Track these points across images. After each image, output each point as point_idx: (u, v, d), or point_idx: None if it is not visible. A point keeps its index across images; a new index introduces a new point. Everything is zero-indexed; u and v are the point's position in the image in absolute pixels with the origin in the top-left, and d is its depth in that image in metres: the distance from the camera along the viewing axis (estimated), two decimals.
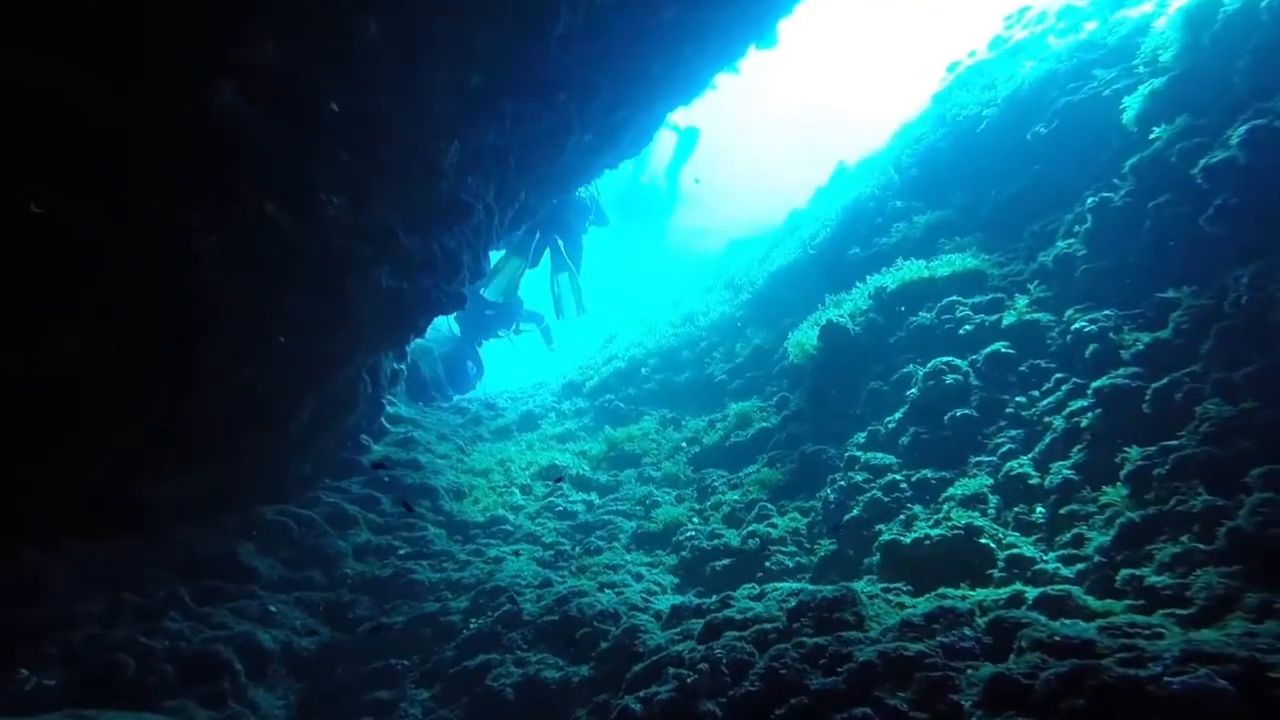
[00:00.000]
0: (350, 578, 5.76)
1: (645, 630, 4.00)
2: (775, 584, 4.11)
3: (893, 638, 2.71)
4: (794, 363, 7.47)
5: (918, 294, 6.43)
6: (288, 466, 6.39)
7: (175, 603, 4.68)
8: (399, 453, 7.97)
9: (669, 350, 10.09)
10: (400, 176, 5.17)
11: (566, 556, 6.10)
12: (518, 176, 7.49)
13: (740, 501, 5.87)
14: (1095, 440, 3.78)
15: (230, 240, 3.92)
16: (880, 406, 5.74)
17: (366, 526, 6.48)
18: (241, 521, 5.67)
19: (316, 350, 5.13)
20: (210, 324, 4.14)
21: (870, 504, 4.61)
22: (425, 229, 5.92)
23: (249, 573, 5.31)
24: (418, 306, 6.18)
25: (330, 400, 6.15)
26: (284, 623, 5.05)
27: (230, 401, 4.70)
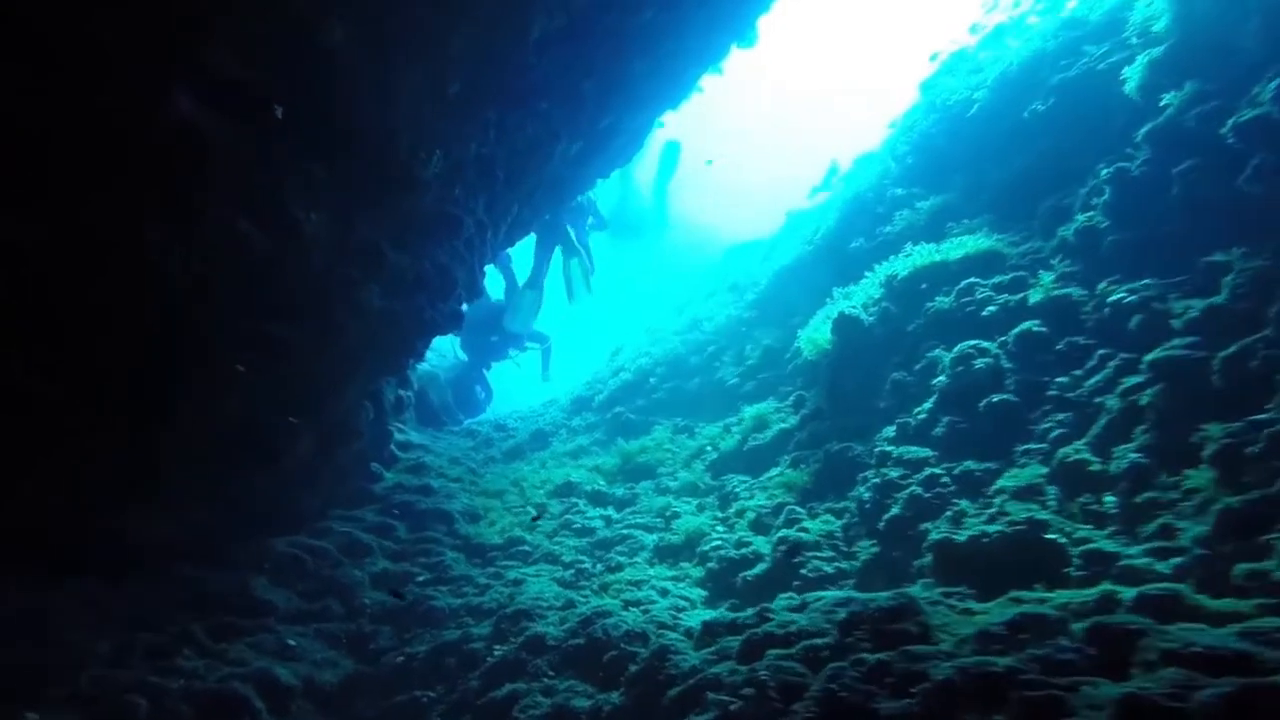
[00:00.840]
0: (369, 607, 5.55)
1: (677, 650, 3.69)
2: (816, 593, 3.80)
3: (971, 651, 2.41)
4: (808, 360, 7.20)
5: (931, 279, 6.17)
6: (297, 498, 6.12)
7: (189, 640, 4.47)
8: (411, 479, 7.75)
9: (676, 358, 9.81)
10: (381, 190, 4.93)
11: (588, 575, 5.79)
12: (507, 189, 7.26)
13: (766, 506, 5.57)
14: (1161, 418, 3.48)
15: (198, 260, 3.66)
16: (906, 398, 5.46)
17: (382, 554, 6.25)
18: (253, 555, 5.46)
19: (307, 376, 4.86)
20: (184, 350, 3.87)
21: (911, 501, 4.31)
22: (414, 245, 5.67)
23: (264, 606, 5.09)
24: (413, 327, 5.91)
25: (331, 429, 5.88)
26: (304, 656, 4.84)
27: (218, 432, 4.42)
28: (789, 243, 10.21)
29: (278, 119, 3.68)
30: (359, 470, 7.46)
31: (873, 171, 9.18)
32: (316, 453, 5.83)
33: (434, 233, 5.94)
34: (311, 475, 6.10)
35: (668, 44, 7.52)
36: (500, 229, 7.86)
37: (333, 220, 4.57)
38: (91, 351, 3.46)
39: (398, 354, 6.20)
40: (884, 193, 8.47)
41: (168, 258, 3.55)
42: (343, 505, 6.81)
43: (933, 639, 2.69)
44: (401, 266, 5.51)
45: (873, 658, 2.59)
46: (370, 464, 7.70)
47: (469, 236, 6.71)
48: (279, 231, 4.12)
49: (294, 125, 3.99)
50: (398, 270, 5.46)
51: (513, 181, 7.26)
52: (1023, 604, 2.72)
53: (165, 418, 4.03)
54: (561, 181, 8.78)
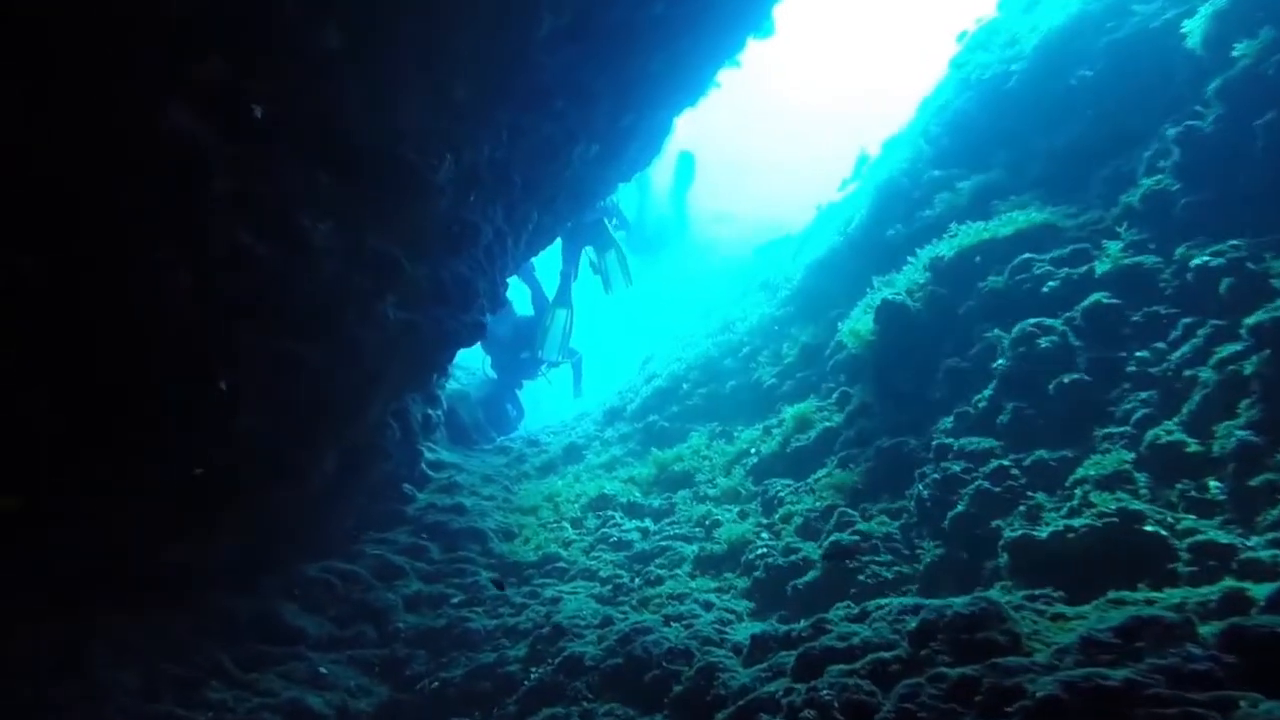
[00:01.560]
0: (403, 631, 5.37)
1: (724, 668, 3.35)
2: (878, 600, 3.41)
3: (1074, 662, 2.02)
4: (851, 354, 6.79)
5: (981, 258, 5.74)
6: (325, 521, 5.97)
7: (218, 671, 4.33)
8: (443, 499, 7.59)
9: (709, 361, 9.47)
10: (391, 196, 4.76)
11: (626, 590, 5.48)
12: (526, 195, 7.08)
13: (814, 510, 5.18)
14: (1269, 389, 3.03)
15: (203, 276, 3.52)
16: (963, 385, 5.03)
17: (416, 576, 6.07)
18: (284, 582, 5.31)
19: (325, 393, 4.69)
20: (197, 371, 3.72)
21: (978, 497, 3.89)
22: (430, 255, 5.50)
23: (295, 633, 4.93)
24: (434, 340, 5.72)
25: (356, 448, 5.71)
26: (336, 684, 4.66)
27: (240, 455, 4.27)
28: (821, 236, 9.81)
29: (260, 120, 3.53)
30: (390, 492, 7.32)
31: (903, 156, 8.74)
32: (342, 473, 5.66)
33: (451, 241, 5.77)
34: (340, 497, 5.95)
35: (682, 39, 7.30)
36: (521, 237, 7.68)
37: (342, 230, 4.42)
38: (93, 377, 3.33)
39: (420, 369, 6.02)
40: (919, 176, 8.03)
41: (173, 275, 3.42)
42: (376, 527, 6.67)
43: (1024, 649, 2.31)
44: (418, 277, 5.34)
45: (954, 672, 2.22)
46: (402, 485, 7.56)
47: (488, 245, 6.54)
48: (285, 243, 3.97)
49: (295, 132, 3.86)
50: (414, 281, 5.29)
51: (531, 187, 7.09)
52: (1127, 605, 2.31)
53: (178, 443, 3.89)
54: (582, 186, 8.60)
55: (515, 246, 7.58)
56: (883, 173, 8.99)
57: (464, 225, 5.86)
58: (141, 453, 3.79)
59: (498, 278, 7.04)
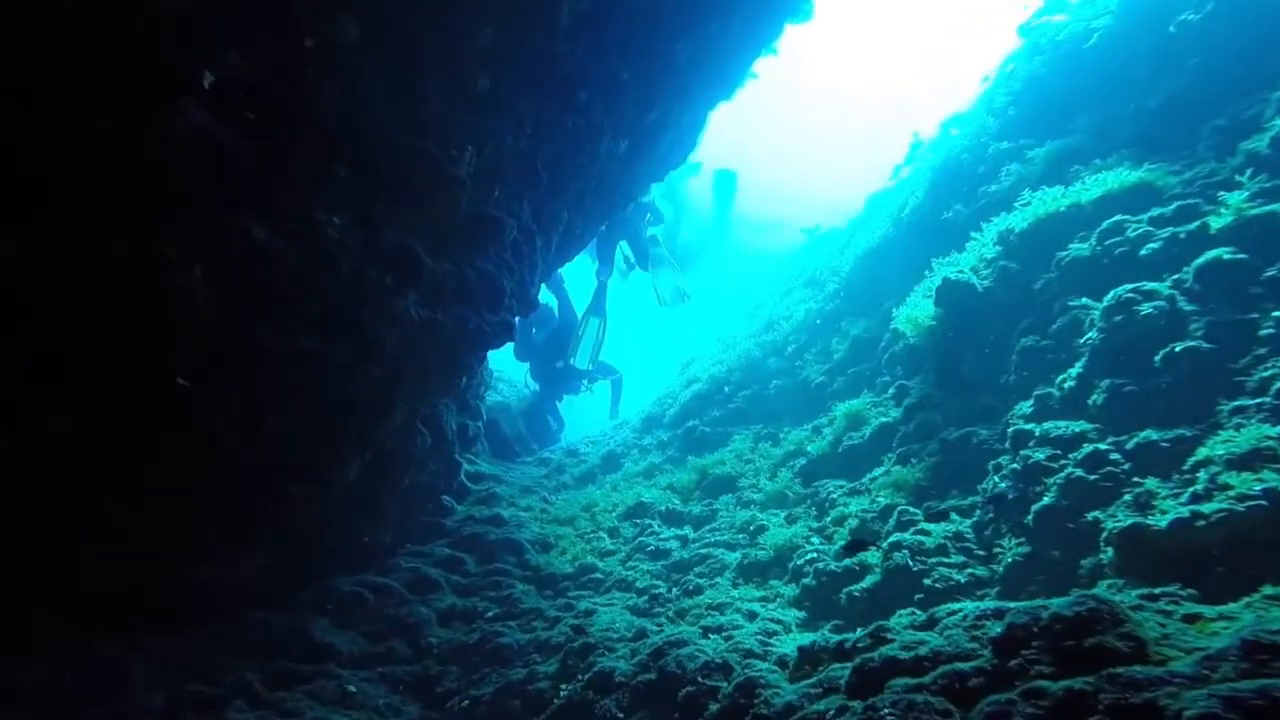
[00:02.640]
0: (436, 647, 5.07)
1: (767, 684, 2.83)
2: (949, 606, 2.84)
3: (1232, 671, 1.46)
4: (909, 344, 6.18)
5: (1061, 227, 5.10)
6: (360, 534, 5.74)
7: (243, 690, 4.07)
8: (482, 510, 7.35)
9: (753, 362, 8.94)
10: (411, 190, 4.53)
11: (663, 600, 5.00)
12: (553, 192, 6.81)
13: (871, 510, 4.59)
14: None
15: (216, 274, 3.31)
16: (1041, 366, 4.39)
17: (451, 589, 5.78)
18: (316, 597, 5.10)
19: (346, 395, 4.44)
20: (212, 371, 3.51)
21: (1070, 487, 3.26)
22: (454, 251, 5.23)
23: (324, 650, 4.68)
24: (460, 340, 5.43)
25: (384, 455, 5.44)
26: (365, 703, 4.37)
27: (265, 459, 4.04)
28: (872, 226, 9.20)
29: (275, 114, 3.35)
30: (429, 504, 7.08)
31: (964, 133, 8.11)
32: (372, 482, 5.41)
33: (474, 237, 5.50)
34: (372, 508, 5.70)
35: (710, 24, 6.94)
36: (551, 238, 7.40)
37: (359, 224, 4.19)
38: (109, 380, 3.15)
39: (447, 370, 5.73)
40: (984, 151, 7.38)
41: (187, 274, 3.24)
42: (414, 540, 6.44)
43: (1152, 657, 1.74)
44: (440, 274, 5.07)
45: (1057, 687, 1.68)
46: (441, 497, 7.34)
47: (515, 243, 6.26)
48: (300, 238, 3.76)
49: (312, 125, 3.67)
50: (437, 278, 5.03)
51: (558, 183, 6.81)
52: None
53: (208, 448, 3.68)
54: (612, 184, 8.28)
55: (546, 248, 7.30)
56: (940, 153, 8.37)
57: (488, 220, 5.60)
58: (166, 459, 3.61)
59: (527, 278, 6.75)
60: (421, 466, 6.60)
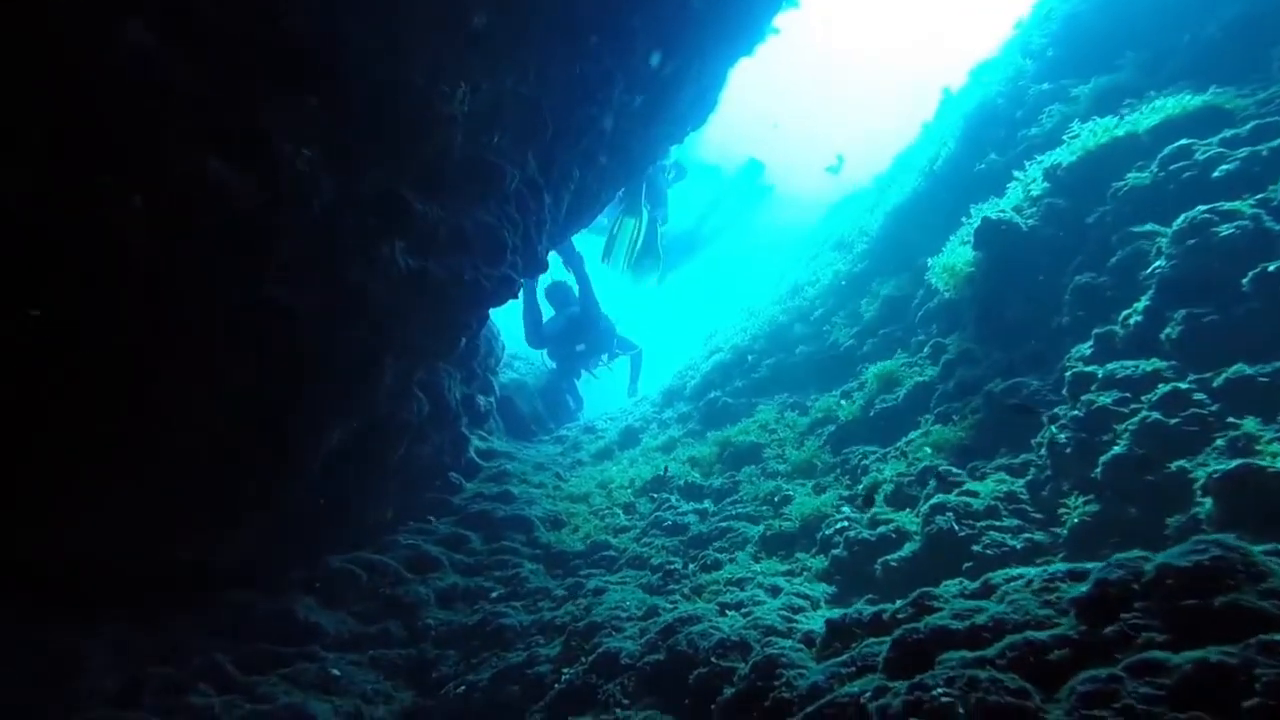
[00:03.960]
0: (434, 628, 4.73)
1: (790, 663, 2.42)
2: (1007, 571, 2.39)
3: None
4: (944, 299, 5.67)
5: (1114, 158, 4.56)
6: (357, 509, 5.45)
7: (212, 673, 3.73)
8: (491, 487, 7.03)
9: (778, 329, 8.45)
10: (395, 128, 4.14)
11: (678, 577, 4.61)
12: (561, 144, 6.37)
13: (908, 474, 4.13)
14: None
15: (163, 208, 2.97)
16: (1099, 304, 3.87)
17: (453, 568, 5.45)
18: (306, 575, 4.80)
19: (325, 353, 4.10)
20: (161, 319, 3.18)
21: (1144, 433, 2.78)
22: (448, 198, 4.84)
23: (309, 631, 4.35)
24: (454, 293, 5.07)
25: (375, 422, 5.13)
26: (349, 689, 4.02)
27: (229, 424, 3.72)
28: (901, 182, 8.62)
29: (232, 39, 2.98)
30: (435, 480, 6.78)
31: (998, 79, 7.47)
32: (363, 450, 5.10)
33: (471, 184, 5.11)
34: (367, 482, 5.40)
35: None
36: (562, 196, 6.98)
37: (335, 161, 3.82)
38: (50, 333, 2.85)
39: (444, 329, 5.37)
40: (1022, 94, 6.77)
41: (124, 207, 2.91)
42: (419, 518, 6.15)
43: None
44: (432, 220, 4.70)
45: (1183, 659, 1.24)
46: (449, 473, 7.04)
47: (519, 195, 5.86)
48: (262, 173, 3.40)
49: (277, 49, 3.31)
50: (428, 225, 4.65)
51: (567, 136, 6.38)
52: None
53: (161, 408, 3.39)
54: (627, 142, 7.83)
55: (556, 206, 6.88)
56: (973, 100, 7.74)
57: (485, 167, 5.20)
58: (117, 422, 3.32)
59: (534, 235, 6.34)
60: (422, 437, 6.27)
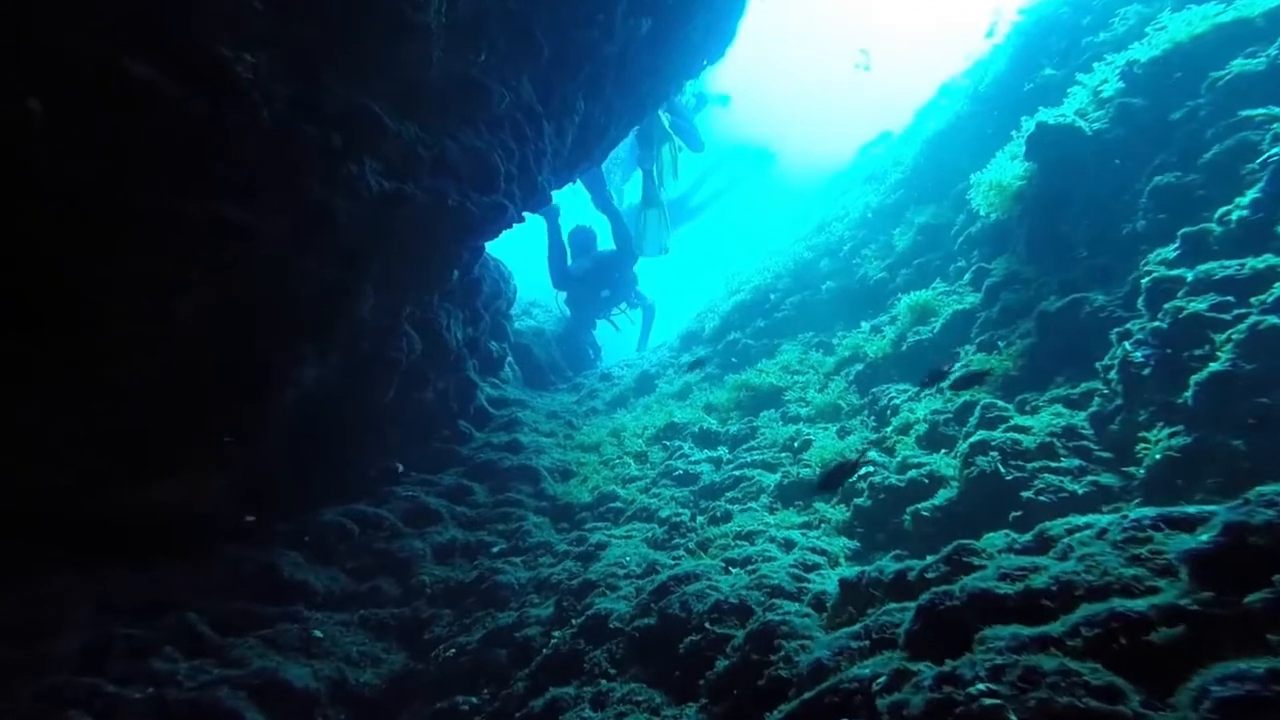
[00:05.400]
0: (429, 586, 4.41)
1: (792, 632, 1.98)
2: (1070, 520, 1.87)
3: None
4: (990, 221, 4.97)
5: (1214, 48, 3.79)
6: (355, 458, 5.16)
7: (182, 634, 3.43)
8: (500, 436, 6.70)
9: (803, 265, 7.79)
10: (360, 37, 3.62)
11: (684, 530, 4.20)
12: (561, 71, 5.75)
13: (945, 411, 3.57)
14: None
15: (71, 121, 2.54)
16: (1186, 204, 3.20)
17: (454, 522, 5.11)
18: (295, 529, 4.51)
19: (291, 280, 3.69)
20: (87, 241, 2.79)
21: (1254, 342, 2.18)
22: (427, 117, 4.32)
23: (294, 589, 4.05)
24: (439, 221, 4.59)
25: (358, 359, 4.76)
26: (333, 651, 3.71)
27: (183, 358, 3.37)
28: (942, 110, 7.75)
29: None
30: (443, 429, 6.43)
31: None
32: (350, 392, 4.76)
33: (454, 104, 4.58)
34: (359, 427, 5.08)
35: None
36: (565, 127, 6.38)
37: (290, 71, 3.34)
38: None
39: (431, 258, 4.92)
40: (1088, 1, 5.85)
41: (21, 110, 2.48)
42: (424, 468, 5.82)
43: None
44: (409, 140, 4.20)
45: None
46: (458, 421, 6.70)
47: (515, 122, 5.31)
48: (199, 78, 2.94)
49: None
50: (404, 144, 4.16)
51: (567, 61, 5.75)
52: None
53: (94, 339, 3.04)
54: (636, 74, 7.13)
55: (559, 137, 6.30)
56: (1033, 14, 6.77)
57: (468, 84, 4.66)
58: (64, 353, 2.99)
59: (533, 165, 5.79)
60: (421, 381, 5.88)
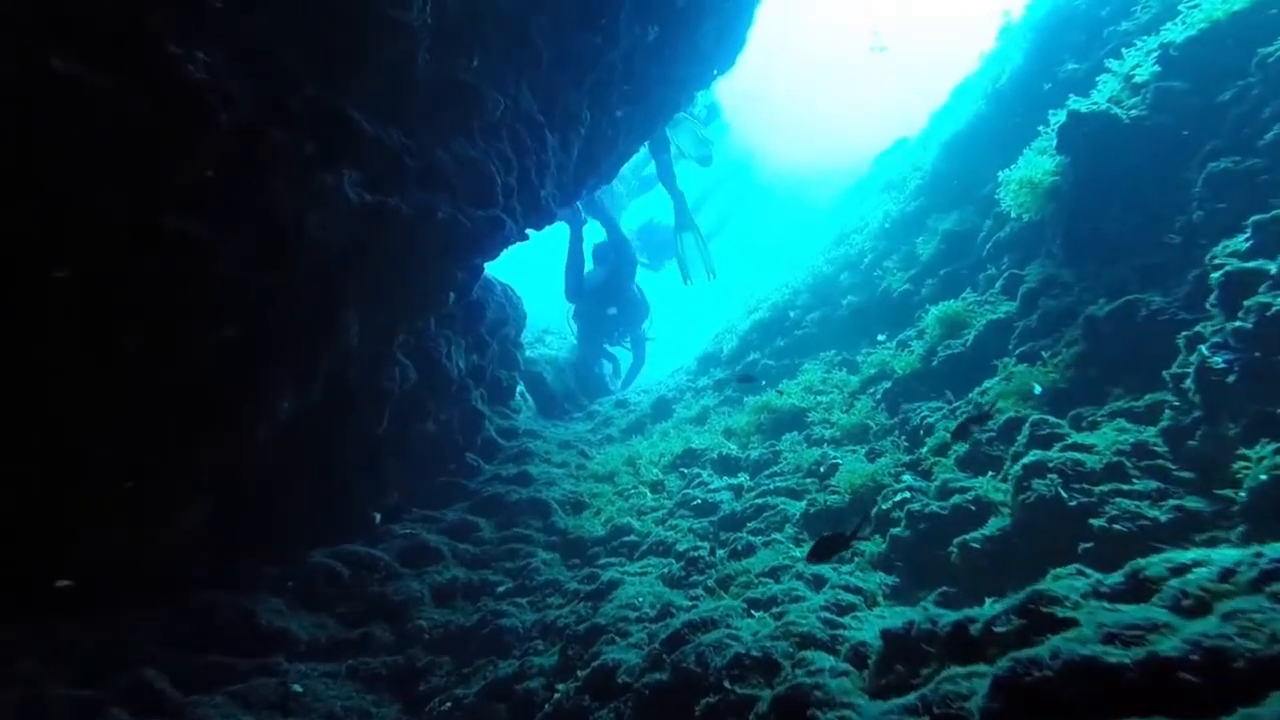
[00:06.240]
0: (427, 631, 4.09)
1: (828, 698, 1.66)
2: (1170, 555, 1.52)
3: None
4: (1020, 224, 4.66)
5: (1251, 27, 3.48)
6: (350, 496, 4.87)
7: (137, 692, 3.11)
8: (509, 468, 6.41)
9: (822, 280, 7.49)
10: (334, 35, 3.44)
11: (703, 566, 3.85)
12: (564, 79, 5.57)
13: (988, 429, 3.21)
14: None
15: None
16: (1250, 190, 2.86)
17: (456, 560, 4.78)
18: (281, 572, 4.22)
19: (255, 297, 3.42)
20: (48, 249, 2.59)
21: None
22: (413, 122, 4.11)
23: (272, 638, 3.71)
24: (429, 236, 4.32)
25: (342, 388, 4.43)
26: (314, 707, 3.39)
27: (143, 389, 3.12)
28: (958, 111, 7.48)
29: None
30: (449, 463, 6.14)
31: None
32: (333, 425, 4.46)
33: (444, 110, 4.33)
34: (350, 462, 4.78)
35: None
36: (570, 139, 6.15)
37: (252, 72, 3.13)
38: None
39: (423, 279, 4.62)
40: None
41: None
42: (428, 504, 5.52)
43: None
44: (392, 147, 3.95)
45: None
46: (465, 454, 6.42)
47: (514, 132, 5.09)
48: (143, 76, 2.74)
49: None
50: (387, 153, 3.91)
51: (569, 68, 5.55)
52: None
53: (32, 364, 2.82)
54: (645, 83, 6.93)
55: (564, 149, 6.07)
56: (1043, 7, 6.53)
57: (460, 90, 4.42)
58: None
59: (536, 178, 5.55)
60: (420, 412, 5.57)
